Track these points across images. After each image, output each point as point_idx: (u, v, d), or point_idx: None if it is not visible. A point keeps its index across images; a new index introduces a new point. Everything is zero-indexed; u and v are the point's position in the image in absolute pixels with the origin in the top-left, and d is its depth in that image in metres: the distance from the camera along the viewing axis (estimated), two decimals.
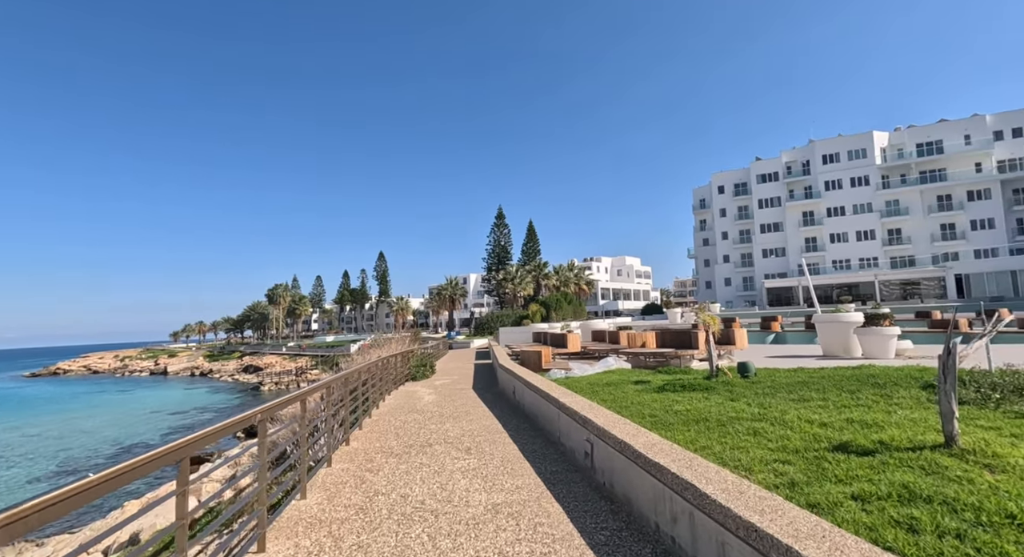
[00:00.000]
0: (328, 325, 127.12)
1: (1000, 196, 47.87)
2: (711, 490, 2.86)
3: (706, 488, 2.89)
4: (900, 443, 4.12)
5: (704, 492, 2.85)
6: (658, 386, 8.20)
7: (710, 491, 2.85)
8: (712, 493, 2.82)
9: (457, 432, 7.40)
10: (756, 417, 5.55)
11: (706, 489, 2.88)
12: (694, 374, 9.94)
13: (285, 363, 79.10)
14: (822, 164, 55.51)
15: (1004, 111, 49.40)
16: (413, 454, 6.17)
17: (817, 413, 5.47)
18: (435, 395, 11.99)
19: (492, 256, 73.69)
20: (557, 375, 10.97)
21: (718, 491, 2.84)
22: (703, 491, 2.87)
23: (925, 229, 50.54)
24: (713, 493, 2.82)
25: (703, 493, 2.86)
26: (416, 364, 16.20)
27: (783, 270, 56.53)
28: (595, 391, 8.35)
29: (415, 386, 14.16)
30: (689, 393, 7.47)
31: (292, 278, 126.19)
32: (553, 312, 43.18)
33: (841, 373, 8.18)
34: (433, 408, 9.91)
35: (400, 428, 7.91)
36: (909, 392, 6.27)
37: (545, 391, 7.14)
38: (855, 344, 13.94)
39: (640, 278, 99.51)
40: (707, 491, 2.85)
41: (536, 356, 13.23)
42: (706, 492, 2.84)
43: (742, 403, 6.45)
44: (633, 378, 9.67)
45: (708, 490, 2.86)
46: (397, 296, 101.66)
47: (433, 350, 26.60)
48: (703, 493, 2.86)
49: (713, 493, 2.82)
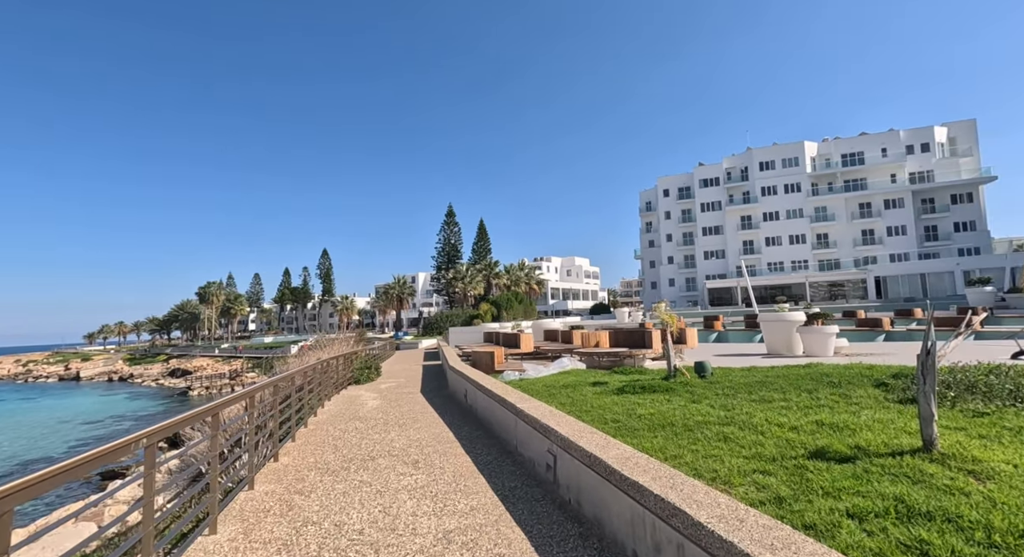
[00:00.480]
0: (267, 325, 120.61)
1: (911, 205, 52.30)
2: (705, 517, 2.44)
3: (699, 515, 2.47)
4: (877, 448, 3.93)
5: (698, 521, 2.43)
6: (617, 388, 7.88)
7: (704, 519, 2.42)
8: (707, 521, 2.39)
9: (403, 442, 6.74)
10: (723, 421, 5.29)
11: (699, 516, 2.46)
12: (651, 374, 9.76)
13: (218, 366, 74.10)
14: (759, 171, 58.53)
15: (914, 127, 54.05)
16: (353, 470, 5.46)
17: (784, 415, 5.28)
18: (380, 400, 11.19)
19: (442, 255, 72.44)
20: (511, 377, 10.50)
21: (714, 519, 2.42)
22: (696, 519, 2.44)
23: (848, 234, 54.42)
24: (708, 521, 2.40)
25: (696, 522, 2.44)
26: (360, 366, 15.23)
27: (723, 271, 59.12)
28: (552, 394, 7.92)
29: (358, 390, 13.25)
30: (650, 395, 7.20)
31: (227, 276, 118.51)
32: (504, 312, 42.81)
33: (794, 372, 8.20)
34: (377, 415, 9.15)
35: (339, 439, 7.14)
36: (865, 391, 6.26)
37: (500, 395, 6.63)
38: (797, 342, 14.42)
39: (589, 278, 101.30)
40: (701, 519, 2.42)
41: (488, 357, 12.70)
42: (700, 521, 2.42)
43: (705, 405, 6.21)
44: (590, 379, 9.35)
45: (702, 518, 2.44)
46: (342, 295, 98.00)
47: (379, 351, 25.44)
48: (696, 522, 2.44)
49: (708, 521, 2.40)
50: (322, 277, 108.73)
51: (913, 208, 52.23)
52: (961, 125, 53.58)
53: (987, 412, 4.84)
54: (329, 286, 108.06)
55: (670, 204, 66.04)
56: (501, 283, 61.48)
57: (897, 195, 52.88)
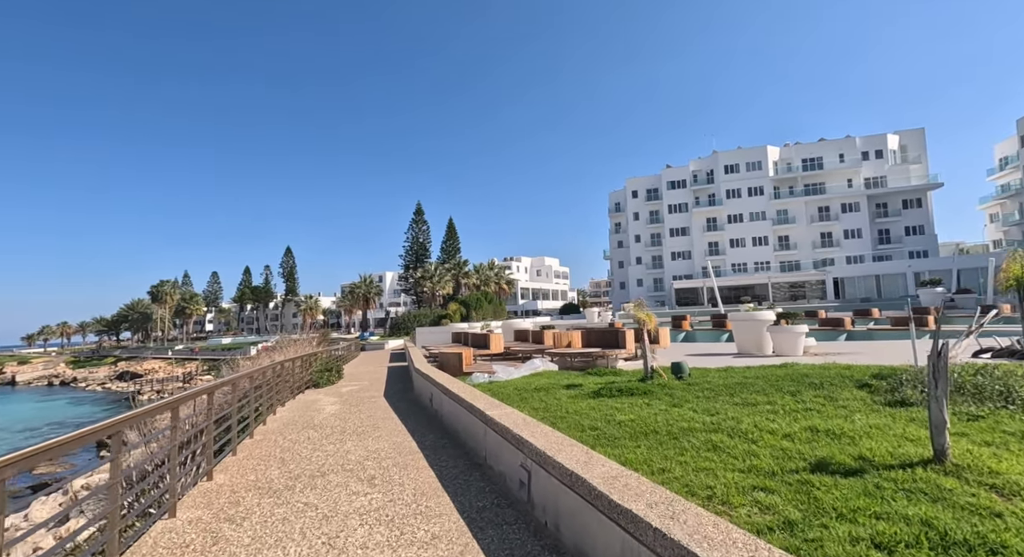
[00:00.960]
0: (225, 326, 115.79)
1: (867, 209, 54.51)
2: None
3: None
4: (883, 458, 3.57)
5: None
6: (592, 391, 7.44)
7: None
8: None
9: (360, 454, 6.08)
10: (710, 427, 4.89)
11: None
12: (626, 376, 9.39)
13: (171, 368, 70.40)
14: (724, 174, 59.84)
15: (869, 134, 56.39)
16: (298, 490, 4.79)
17: (773, 421, 4.92)
18: (339, 405, 10.43)
19: (410, 253, 71.05)
20: (480, 379, 9.94)
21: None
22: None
23: (808, 236, 56.25)
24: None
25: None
26: (320, 369, 14.34)
27: (689, 272, 60.17)
28: (524, 398, 7.41)
29: (317, 394, 12.41)
30: (627, 398, 6.77)
31: (183, 274, 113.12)
32: (473, 311, 42.15)
33: (772, 373, 7.96)
34: (334, 421, 8.43)
35: (289, 450, 6.41)
36: (851, 393, 6.00)
37: (468, 401, 6.06)
38: (767, 342, 14.41)
39: (559, 278, 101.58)
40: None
41: (456, 358, 12.10)
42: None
43: (687, 409, 5.82)
44: (564, 381, 8.89)
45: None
46: (306, 294, 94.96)
47: (344, 352, 24.41)
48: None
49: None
50: (285, 276, 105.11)
51: (868, 212, 54.44)
52: (911, 133, 56.23)
53: (981, 415, 4.61)
54: (293, 285, 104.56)
55: (639, 205, 66.80)
56: (470, 283, 60.73)
57: (853, 199, 55.00)
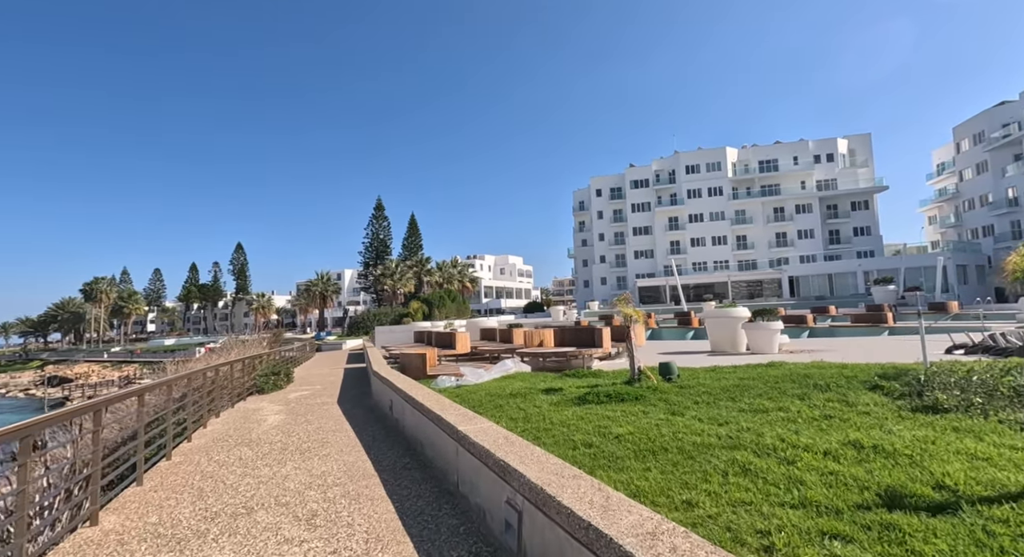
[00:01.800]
0: (169, 326, 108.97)
1: (819, 210, 56.61)
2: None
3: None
4: (970, 488, 2.85)
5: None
6: (576, 396, 6.57)
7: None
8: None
9: (302, 480, 4.97)
10: (727, 442, 4.10)
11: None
12: (608, 378, 8.61)
13: (107, 372, 65.41)
14: (685, 174, 60.79)
15: (821, 138, 58.59)
16: (212, 537, 3.67)
17: (798, 433, 4.19)
18: (284, 414, 9.17)
19: (370, 250, 68.69)
20: (446, 383, 8.92)
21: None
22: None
23: (764, 236, 57.90)
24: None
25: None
26: (265, 372, 12.89)
27: (652, 270, 60.81)
28: (499, 407, 6.47)
29: (261, 401, 11.05)
30: (618, 405, 5.94)
31: (121, 271, 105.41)
32: (436, 310, 40.82)
33: (766, 373, 7.34)
34: (276, 436, 7.22)
35: (212, 476, 5.22)
36: (867, 397, 5.39)
37: (435, 412, 5.07)
38: (742, 339, 14.04)
39: (522, 277, 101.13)
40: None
41: (419, 360, 11.02)
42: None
43: (690, 418, 5.04)
44: (541, 385, 8.00)
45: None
46: (258, 293, 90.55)
47: (298, 353, 22.72)
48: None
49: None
50: (236, 274, 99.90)
51: (820, 213, 56.55)
52: (859, 138, 58.81)
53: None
54: (244, 283, 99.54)
55: (602, 204, 67.03)
56: (433, 280, 59.21)
57: (806, 201, 56.99)
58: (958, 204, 51.92)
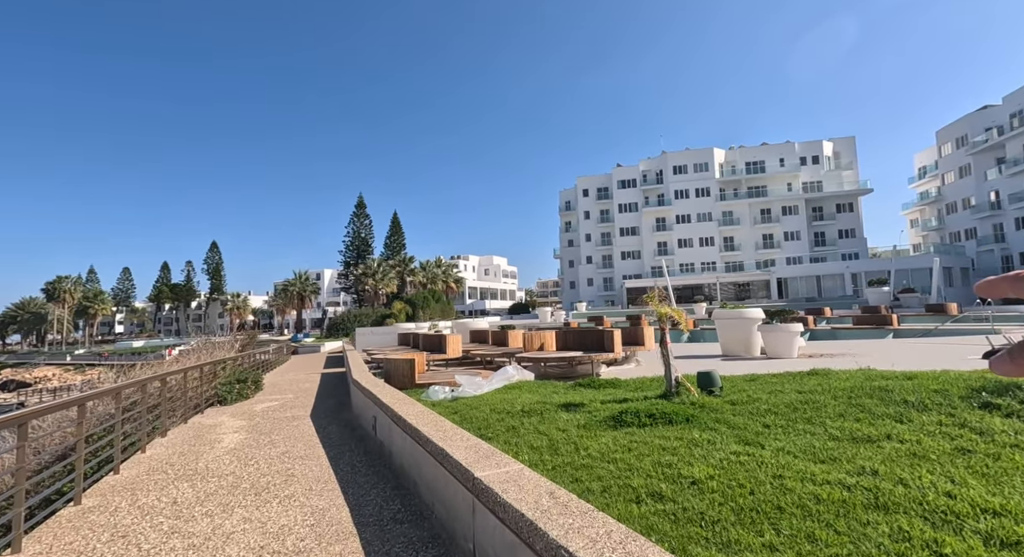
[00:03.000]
0: (139, 328, 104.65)
1: (804, 212, 56.67)
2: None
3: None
4: None
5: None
6: (608, 415, 5.29)
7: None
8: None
9: (251, 542, 3.58)
10: (869, 498, 2.86)
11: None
12: (629, 388, 7.37)
13: (69, 376, 61.87)
14: (673, 174, 60.32)
15: (807, 140, 58.74)
16: None
17: (953, 480, 2.98)
18: (245, 432, 7.70)
19: (351, 249, 66.55)
20: (440, 395, 7.57)
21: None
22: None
23: (751, 238, 57.72)
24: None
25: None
26: (229, 380, 11.32)
27: (639, 272, 60.15)
28: (513, 429, 5.16)
29: (221, 414, 9.52)
30: (666, 429, 4.69)
31: (88, 269, 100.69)
32: (420, 311, 39.26)
33: (825, 384, 6.17)
34: (229, 464, 5.78)
35: (125, 536, 3.79)
36: (990, 419, 4.22)
37: (437, 445, 3.74)
38: (756, 342, 13.00)
39: (507, 278, 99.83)
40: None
41: (406, 366, 9.64)
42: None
43: (776, 451, 3.81)
44: (555, 398, 6.71)
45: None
46: (233, 293, 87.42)
47: (271, 356, 21.01)
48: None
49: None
50: (210, 273, 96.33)
51: (806, 215, 56.61)
52: (844, 141, 59.12)
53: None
54: (219, 283, 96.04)
55: (589, 204, 66.21)
56: (416, 281, 57.51)
57: (792, 202, 57.01)
58: (940, 207, 52.44)
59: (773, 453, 3.74)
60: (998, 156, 44.47)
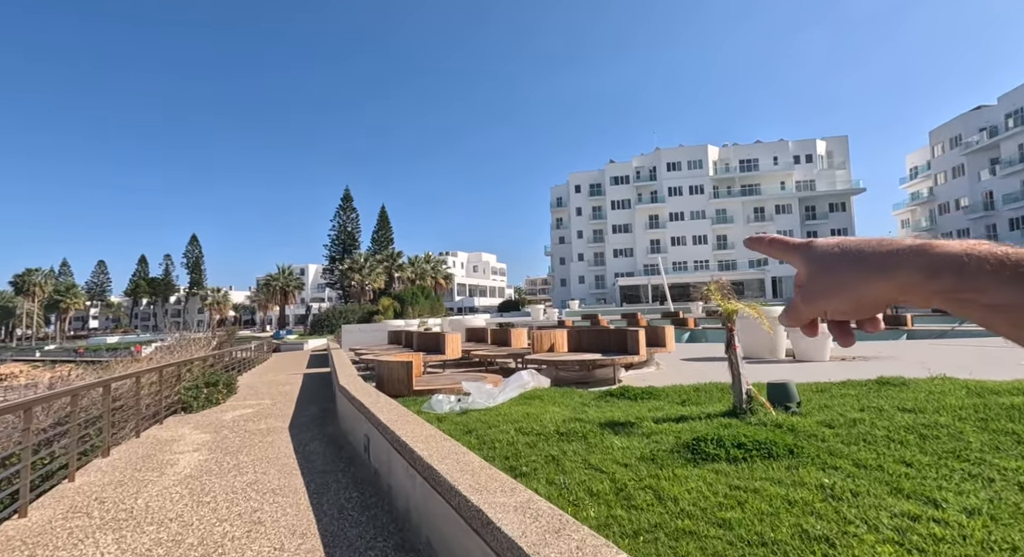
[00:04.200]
0: (115, 323, 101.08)
1: (798, 211, 56.33)
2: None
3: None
4: None
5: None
6: (677, 443, 4.06)
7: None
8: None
9: None
10: None
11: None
12: (673, 398, 6.18)
13: (38, 373, 58.94)
14: (666, 171, 59.53)
15: (801, 139, 58.40)
16: None
17: None
18: (207, 450, 6.33)
19: (336, 243, 64.65)
20: (446, 406, 6.28)
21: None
22: None
23: (745, 236, 56.46)
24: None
25: None
26: (195, 383, 9.86)
27: (631, 270, 59.28)
28: (554, 460, 3.90)
29: (183, 425, 8.12)
30: (767, 465, 3.48)
31: (60, 262, 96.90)
32: (409, 307, 37.81)
33: (933, 400, 5.03)
34: (178, 503, 4.44)
35: None
36: None
37: (474, 504, 2.47)
38: (782, 343, 11.98)
39: (496, 275, 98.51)
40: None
41: (403, 370, 8.32)
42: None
43: (983, 517, 2.60)
44: (591, 413, 5.46)
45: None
46: (213, 287, 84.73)
47: (251, 354, 19.45)
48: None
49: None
50: (190, 267, 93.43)
51: (799, 214, 56.28)
52: (836, 140, 58.90)
53: None
54: (199, 277, 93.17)
55: (581, 200, 65.16)
56: (405, 276, 55.93)
57: (786, 201, 56.62)
58: (932, 208, 52.43)
59: (968, 517, 2.54)
60: (992, 157, 44.42)
